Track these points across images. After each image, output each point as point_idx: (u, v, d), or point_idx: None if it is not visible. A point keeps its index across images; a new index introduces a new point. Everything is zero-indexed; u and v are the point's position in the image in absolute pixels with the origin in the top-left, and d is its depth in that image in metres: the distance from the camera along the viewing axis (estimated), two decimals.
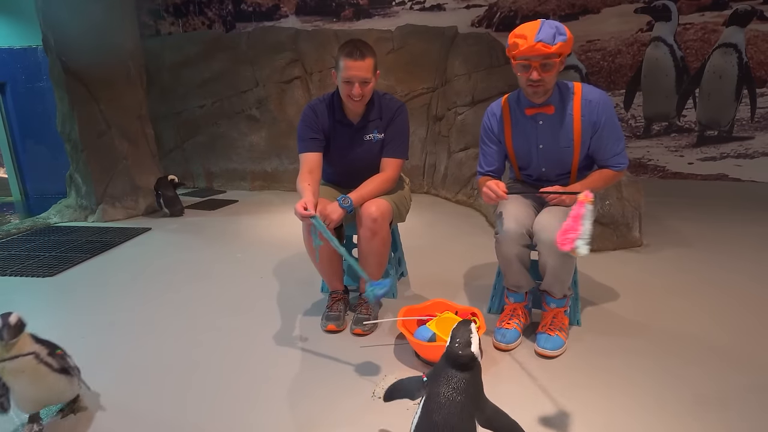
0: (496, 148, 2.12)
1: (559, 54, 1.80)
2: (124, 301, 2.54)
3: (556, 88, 1.94)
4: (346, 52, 1.99)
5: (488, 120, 2.11)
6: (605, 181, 2.00)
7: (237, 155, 5.38)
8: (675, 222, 3.69)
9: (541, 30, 1.77)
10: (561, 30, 1.78)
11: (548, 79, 1.85)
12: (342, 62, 2.00)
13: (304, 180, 2.02)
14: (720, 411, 1.60)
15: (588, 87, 1.96)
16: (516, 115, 2.04)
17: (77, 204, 4.19)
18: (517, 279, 2.05)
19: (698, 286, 2.59)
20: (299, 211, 1.82)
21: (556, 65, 1.82)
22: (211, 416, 1.63)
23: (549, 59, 1.79)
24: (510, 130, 2.06)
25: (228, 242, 3.52)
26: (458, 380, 1.28)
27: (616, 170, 1.99)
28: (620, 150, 1.98)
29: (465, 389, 1.28)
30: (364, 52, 2.00)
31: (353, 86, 2.01)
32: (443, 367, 1.33)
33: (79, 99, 3.96)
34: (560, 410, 1.61)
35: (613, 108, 1.95)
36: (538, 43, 1.76)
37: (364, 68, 2.00)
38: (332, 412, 1.63)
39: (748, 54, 4.86)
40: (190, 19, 6.18)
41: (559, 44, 1.77)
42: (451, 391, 1.27)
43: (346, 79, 2.01)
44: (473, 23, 5.46)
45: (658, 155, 5.34)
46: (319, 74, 5.09)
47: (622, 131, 1.98)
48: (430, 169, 4.93)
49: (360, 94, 2.02)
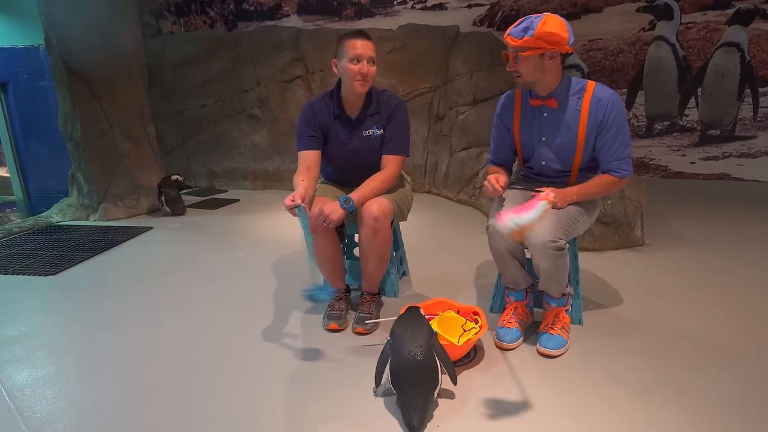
0: (507, 136, 2.13)
1: (527, 48, 1.82)
2: (125, 300, 2.54)
3: (564, 84, 1.94)
4: (350, 35, 2.08)
5: (500, 108, 2.13)
6: (604, 188, 1.97)
7: (238, 154, 5.38)
8: (677, 222, 3.68)
9: (516, 25, 1.85)
10: (533, 26, 1.80)
11: (524, 71, 1.88)
12: (347, 43, 2.05)
13: (300, 176, 2.04)
14: (721, 413, 1.59)
15: (601, 86, 1.95)
16: (526, 105, 2.05)
17: (79, 203, 4.19)
18: (513, 275, 2.05)
19: (700, 286, 2.58)
20: (286, 203, 1.84)
21: (525, 59, 1.84)
22: (212, 415, 1.63)
23: (518, 52, 1.84)
24: (519, 119, 2.07)
25: (229, 241, 3.53)
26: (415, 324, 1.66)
27: (617, 176, 1.94)
28: (624, 155, 1.94)
29: (420, 328, 1.65)
30: (367, 35, 2.09)
31: (362, 64, 2.04)
32: (399, 321, 1.69)
33: (81, 98, 3.97)
34: (562, 410, 1.61)
35: (623, 111, 1.92)
36: (508, 37, 1.86)
37: (370, 47, 2.07)
38: (334, 411, 1.63)
39: (751, 53, 4.85)
40: (191, 18, 6.18)
41: (525, 39, 1.80)
42: (410, 332, 1.63)
43: (355, 57, 2.04)
44: (475, 22, 5.45)
45: (660, 154, 5.33)
46: (321, 73, 5.08)
47: (629, 137, 1.95)
48: (432, 168, 4.92)
49: (367, 72, 2.06)
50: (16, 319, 2.34)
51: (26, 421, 1.60)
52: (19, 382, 1.83)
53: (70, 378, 1.85)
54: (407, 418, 1.52)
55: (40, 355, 2.02)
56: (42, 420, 1.60)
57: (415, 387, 1.56)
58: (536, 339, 1.99)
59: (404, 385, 1.57)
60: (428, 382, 1.58)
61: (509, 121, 2.10)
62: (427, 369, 1.58)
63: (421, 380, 1.57)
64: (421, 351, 1.58)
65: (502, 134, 2.15)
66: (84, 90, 3.97)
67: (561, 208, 1.90)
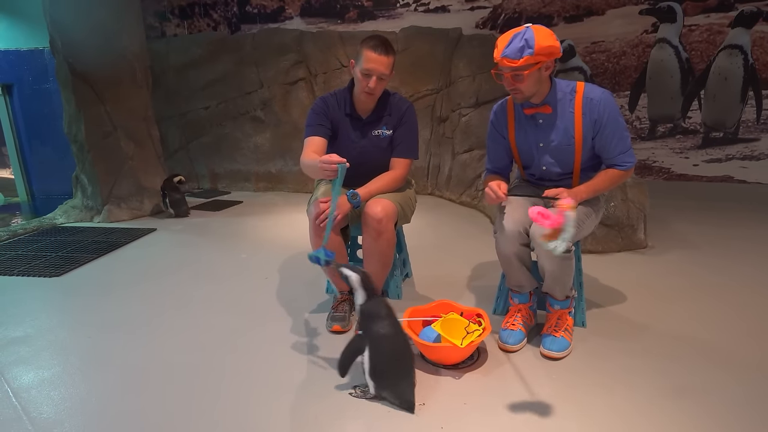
0: (502, 145, 2.14)
1: (528, 65, 1.79)
2: (129, 301, 2.55)
3: (554, 88, 1.94)
4: (371, 45, 2.05)
5: (494, 118, 2.13)
6: (611, 182, 1.99)
7: (242, 156, 5.39)
8: (680, 224, 3.68)
9: (509, 45, 1.78)
10: (530, 43, 1.75)
11: (524, 88, 1.86)
12: (364, 54, 2.05)
13: (309, 156, 2.00)
14: (724, 415, 1.59)
15: (590, 86, 1.95)
16: (519, 114, 2.05)
17: (83, 205, 4.21)
18: (519, 278, 2.06)
19: (703, 288, 2.58)
20: (326, 159, 1.75)
21: (527, 76, 1.82)
22: (216, 416, 1.63)
23: (518, 72, 1.80)
24: (513, 129, 2.08)
25: (233, 243, 3.54)
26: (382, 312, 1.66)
27: (622, 169, 1.96)
28: (626, 148, 1.95)
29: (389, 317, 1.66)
30: (388, 49, 2.07)
31: (370, 79, 2.05)
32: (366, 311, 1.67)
33: (86, 100, 3.98)
34: (565, 412, 1.61)
35: (615, 106, 1.93)
36: (504, 59, 1.80)
37: (384, 64, 2.06)
38: (337, 412, 1.64)
39: (754, 55, 4.85)
40: (195, 21, 6.21)
41: (526, 58, 1.76)
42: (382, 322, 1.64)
43: (366, 71, 2.05)
44: (477, 25, 5.46)
45: (663, 157, 5.32)
46: (324, 76, 5.10)
47: (626, 129, 1.96)
48: (434, 170, 4.93)
49: (374, 88, 2.07)
50: (22, 320, 2.35)
51: (33, 421, 1.61)
52: (25, 382, 1.84)
53: (76, 378, 1.86)
54: (404, 400, 1.62)
55: (45, 355, 2.03)
56: (48, 420, 1.61)
57: (401, 371, 1.64)
58: (540, 341, 2.00)
59: (391, 375, 1.63)
60: (410, 360, 1.67)
61: (504, 131, 2.10)
62: (407, 349, 1.68)
63: (406, 363, 1.66)
64: (400, 337, 1.66)
65: (498, 143, 2.14)
66: (88, 92, 3.99)
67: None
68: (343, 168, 1.75)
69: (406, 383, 1.64)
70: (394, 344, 1.65)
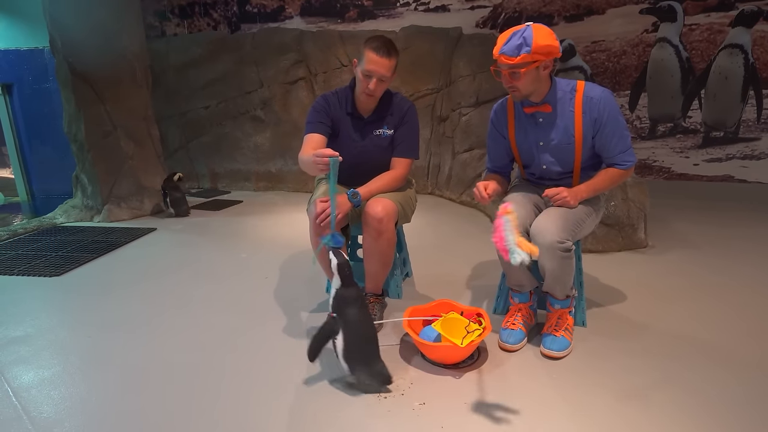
0: (502, 144, 2.14)
1: (525, 63, 1.79)
2: (129, 301, 2.55)
3: (554, 87, 1.94)
4: (374, 47, 2.04)
5: (494, 117, 2.13)
6: (612, 181, 1.99)
7: (242, 156, 5.39)
8: (680, 224, 3.68)
9: (507, 42, 1.80)
10: (528, 41, 1.76)
11: (521, 86, 1.87)
12: (366, 55, 2.05)
13: (307, 153, 1.94)
14: (723, 414, 1.59)
15: (591, 85, 1.96)
16: (519, 113, 2.05)
17: (83, 204, 4.21)
18: (519, 278, 2.05)
19: (703, 288, 2.58)
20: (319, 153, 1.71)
21: (524, 74, 1.82)
22: (216, 416, 1.63)
23: (515, 69, 1.81)
24: (513, 128, 2.08)
25: (233, 242, 3.54)
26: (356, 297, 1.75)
27: (622, 169, 1.97)
28: (626, 147, 1.96)
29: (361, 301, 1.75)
30: (390, 52, 2.06)
31: (370, 80, 2.05)
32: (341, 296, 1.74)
33: (86, 100, 3.98)
34: (565, 411, 1.61)
35: (615, 105, 1.94)
36: (501, 56, 1.81)
37: (386, 66, 2.05)
38: (337, 412, 1.63)
39: (755, 55, 4.84)
40: (195, 20, 6.21)
41: (523, 56, 1.77)
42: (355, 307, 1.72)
43: (367, 72, 2.05)
44: (478, 24, 5.46)
45: (663, 156, 5.32)
46: (324, 75, 5.10)
47: (626, 129, 1.97)
48: (435, 169, 4.93)
49: (373, 90, 2.07)
50: (22, 319, 2.35)
51: (33, 421, 1.61)
52: (25, 382, 1.84)
53: (76, 378, 1.86)
54: (380, 374, 1.71)
55: (45, 355, 2.03)
56: (48, 420, 1.61)
57: (372, 352, 1.74)
58: (540, 341, 2.00)
59: (364, 354, 1.72)
60: (377, 343, 1.78)
61: (504, 130, 2.11)
62: (375, 333, 1.80)
63: (375, 345, 1.76)
64: (369, 321, 1.78)
65: (498, 142, 2.15)
66: (88, 92, 3.99)
67: (574, 207, 1.91)
68: (335, 161, 1.72)
69: (379, 361, 1.73)
70: (366, 327, 1.74)
